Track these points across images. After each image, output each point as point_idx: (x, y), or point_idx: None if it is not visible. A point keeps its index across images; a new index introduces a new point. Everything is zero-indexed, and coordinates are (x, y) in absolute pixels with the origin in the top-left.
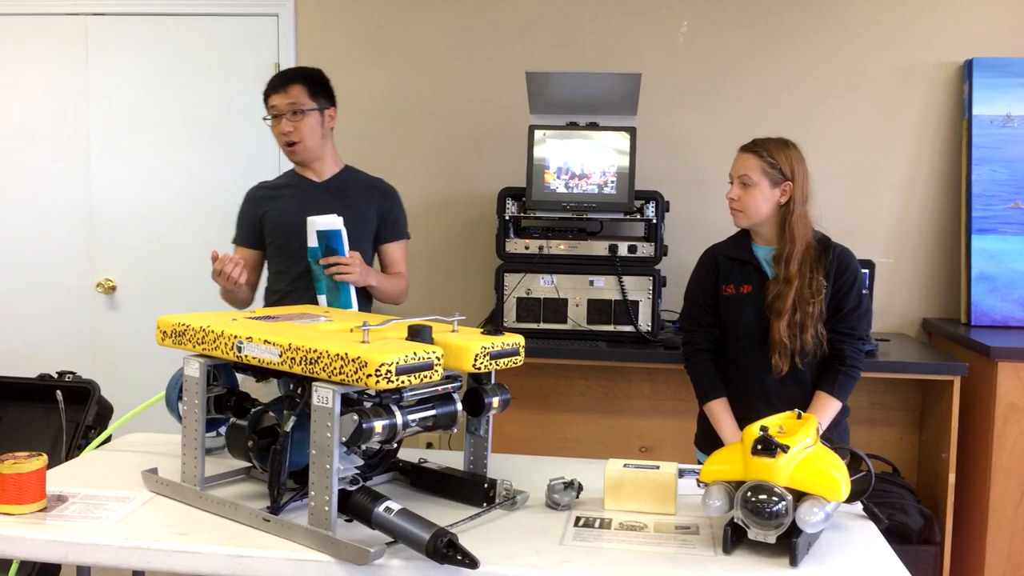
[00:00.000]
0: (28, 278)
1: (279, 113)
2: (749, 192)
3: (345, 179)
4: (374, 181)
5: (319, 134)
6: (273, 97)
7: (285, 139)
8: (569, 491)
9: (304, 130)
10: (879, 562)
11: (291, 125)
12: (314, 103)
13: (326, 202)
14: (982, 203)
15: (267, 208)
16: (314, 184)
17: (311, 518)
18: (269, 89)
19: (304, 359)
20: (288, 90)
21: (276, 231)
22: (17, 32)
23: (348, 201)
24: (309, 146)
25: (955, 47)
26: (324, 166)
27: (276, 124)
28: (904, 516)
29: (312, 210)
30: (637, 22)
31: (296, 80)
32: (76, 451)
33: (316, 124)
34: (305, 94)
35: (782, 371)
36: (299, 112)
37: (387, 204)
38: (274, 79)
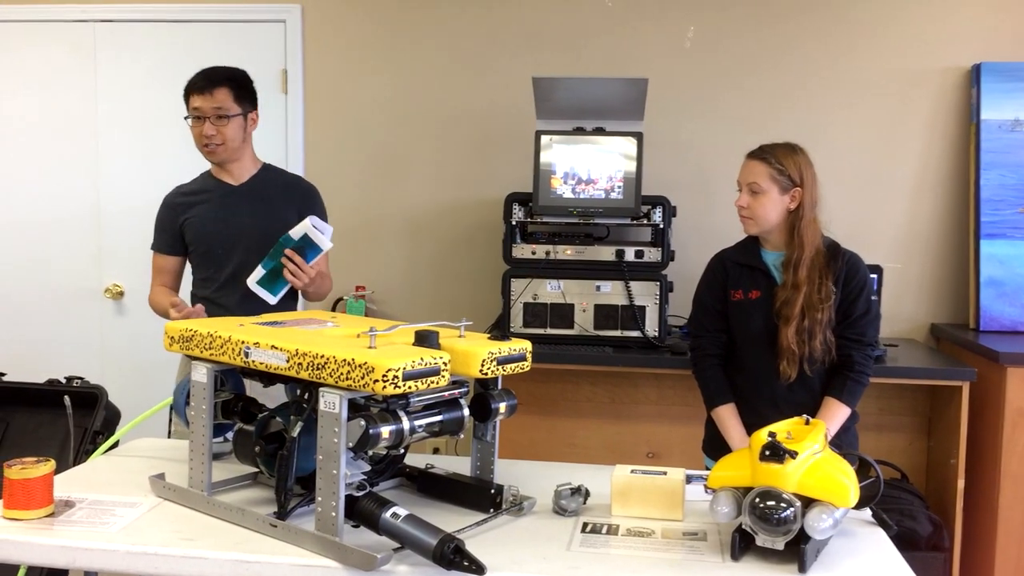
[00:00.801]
0: (36, 284)
1: (202, 116)
2: (758, 199)
3: (263, 180)
4: (293, 180)
5: (241, 138)
6: (196, 98)
7: (206, 141)
8: (576, 497)
9: (227, 134)
10: (888, 569)
11: (214, 129)
12: (239, 107)
13: (245, 206)
14: (991, 208)
15: (187, 215)
16: (231, 188)
17: (318, 524)
18: (192, 89)
19: (311, 364)
20: (213, 93)
21: (198, 239)
22: (26, 39)
23: (267, 203)
24: (230, 148)
25: (963, 52)
26: (242, 168)
27: (197, 126)
28: (913, 522)
29: (232, 215)
30: (644, 27)
31: (222, 83)
32: (84, 456)
33: (239, 128)
34: (231, 98)
35: (790, 377)
36: (223, 117)
37: (307, 204)
38: (198, 79)
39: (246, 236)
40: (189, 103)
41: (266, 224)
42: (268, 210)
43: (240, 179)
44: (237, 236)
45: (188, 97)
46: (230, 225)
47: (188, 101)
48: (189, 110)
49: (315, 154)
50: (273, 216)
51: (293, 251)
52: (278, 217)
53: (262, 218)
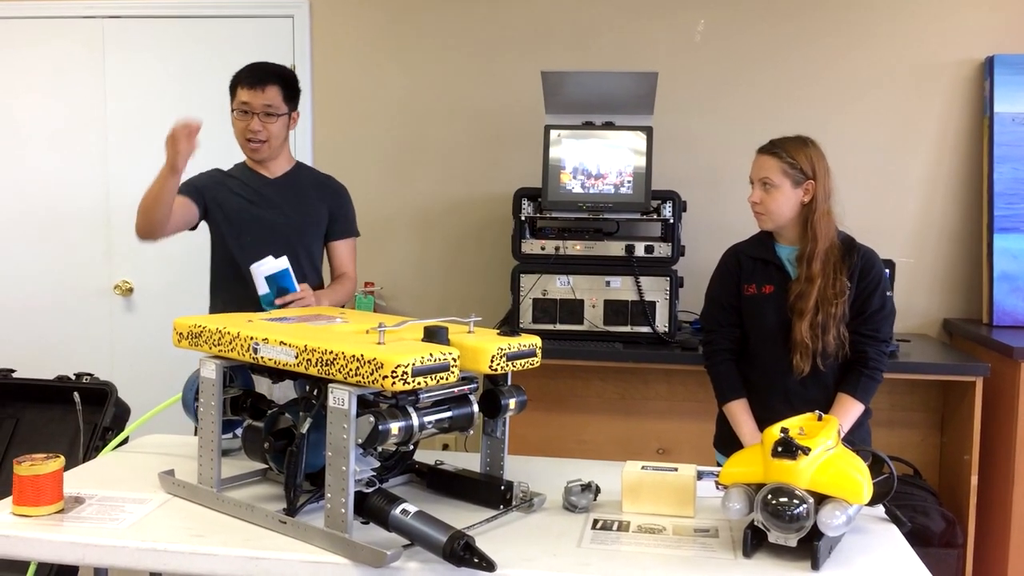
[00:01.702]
0: (46, 280)
1: (250, 110)
2: (771, 194)
3: (296, 176)
4: (324, 179)
5: (284, 136)
6: (246, 93)
7: (251, 136)
8: (586, 493)
9: (272, 131)
10: (901, 565)
11: (261, 125)
12: (286, 107)
13: (279, 200)
14: (1004, 202)
15: (222, 194)
16: (267, 180)
17: (327, 520)
18: (242, 83)
19: (320, 360)
20: (264, 90)
21: (227, 221)
22: (34, 35)
23: (300, 198)
24: (273, 146)
25: (975, 44)
26: (278, 164)
27: (243, 120)
28: (926, 519)
29: (266, 207)
30: (653, 22)
31: (273, 81)
32: (93, 453)
33: (284, 127)
34: (280, 97)
35: (803, 372)
36: (272, 115)
37: (338, 201)
38: (249, 75)
39: (278, 227)
40: (236, 96)
41: (299, 219)
42: (301, 205)
43: (275, 173)
44: (269, 226)
45: (235, 90)
46: (264, 215)
47: (235, 94)
48: (235, 103)
49: (323, 150)
50: (305, 211)
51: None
52: (310, 213)
53: (295, 213)
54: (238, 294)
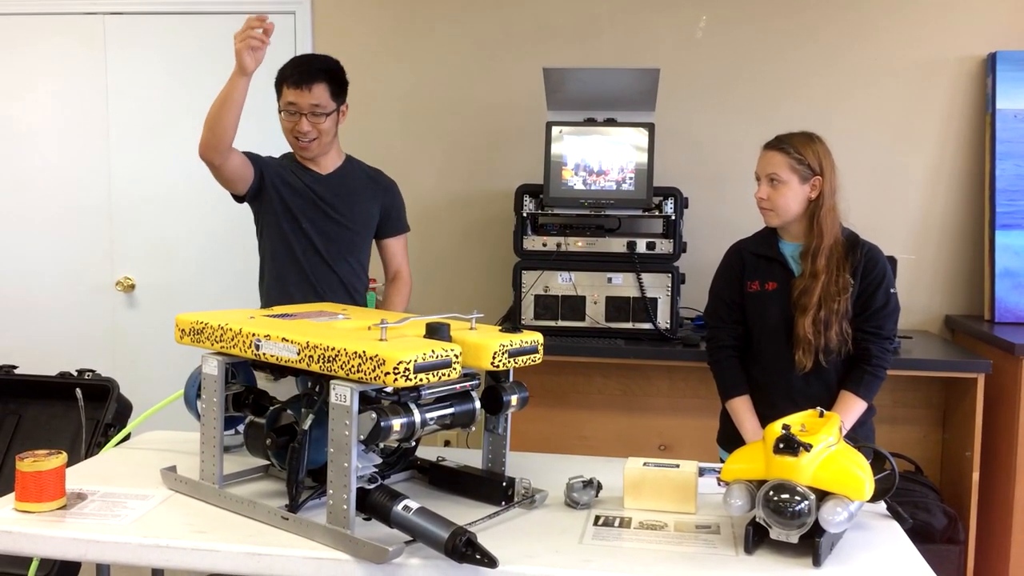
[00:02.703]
0: (48, 277)
1: (298, 111)
2: (779, 190)
3: (348, 172)
4: (375, 174)
5: (334, 132)
6: (293, 92)
7: (299, 136)
8: (588, 490)
9: (323, 129)
10: (903, 562)
11: (310, 125)
12: (335, 103)
13: (332, 196)
14: (1006, 198)
15: (280, 180)
16: (318, 177)
17: (329, 516)
18: (288, 82)
19: (322, 357)
20: (311, 89)
21: (283, 212)
22: (35, 32)
23: (353, 194)
24: (324, 143)
25: (978, 40)
26: (328, 160)
27: (291, 120)
28: (928, 515)
29: (319, 202)
30: (655, 17)
31: (320, 78)
32: (95, 449)
33: (334, 123)
34: (328, 94)
35: (805, 367)
36: (319, 114)
37: (389, 198)
38: (296, 73)
39: (332, 223)
40: (282, 95)
41: (352, 214)
42: (354, 203)
43: (326, 169)
44: (323, 222)
45: (281, 88)
46: (318, 210)
47: (281, 93)
48: (282, 103)
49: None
50: (358, 208)
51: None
52: (365, 209)
53: (348, 208)
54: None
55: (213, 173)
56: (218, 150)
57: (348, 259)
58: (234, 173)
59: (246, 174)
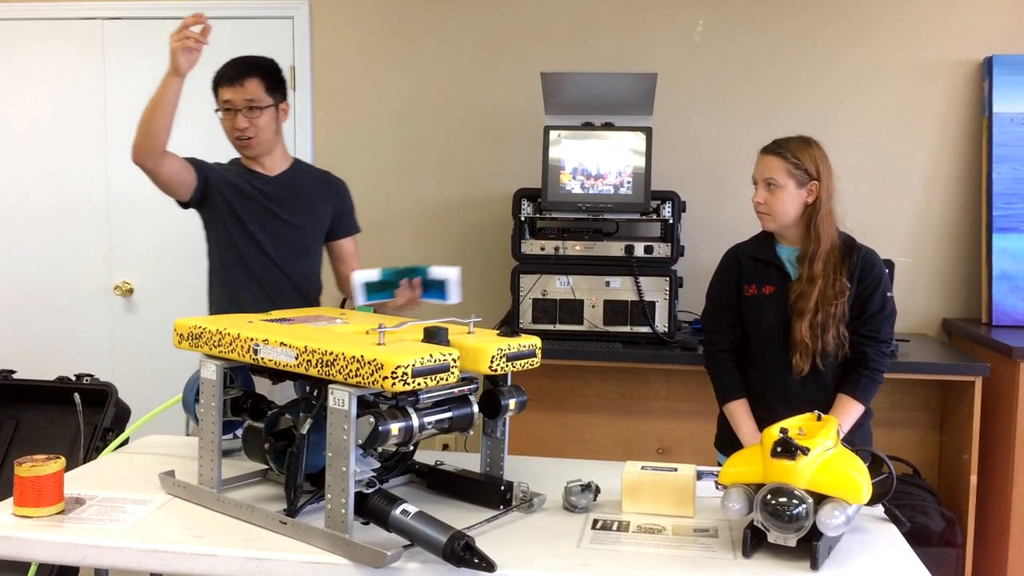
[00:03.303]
0: (46, 281)
1: (233, 108)
2: (776, 195)
3: (296, 174)
4: (323, 175)
5: (273, 129)
6: (227, 90)
7: (238, 134)
8: (586, 493)
9: (260, 125)
10: (901, 565)
11: (247, 121)
12: (270, 98)
13: (281, 199)
14: (1003, 201)
15: (226, 182)
16: (266, 179)
17: (328, 521)
18: (222, 80)
19: (320, 361)
20: (244, 84)
21: (229, 216)
22: (34, 37)
23: (303, 197)
24: (263, 140)
25: (974, 44)
26: (274, 161)
27: (228, 118)
28: (925, 518)
29: (268, 206)
30: (652, 21)
31: (252, 73)
32: (94, 454)
33: (271, 119)
34: (262, 89)
35: (803, 371)
36: (255, 108)
37: (340, 200)
38: (227, 70)
39: (282, 227)
40: (219, 95)
41: (303, 217)
42: (305, 205)
43: (272, 171)
44: (273, 226)
45: (217, 89)
46: (266, 217)
47: (217, 93)
48: (219, 103)
49: (324, 151)
50: (311, 211)
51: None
52: (316, 212)
53: (298, 211)
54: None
55: (150, 178)
56: (150, 153)
57: (300, 262)
58: (171, 178)
59: (186, 179)
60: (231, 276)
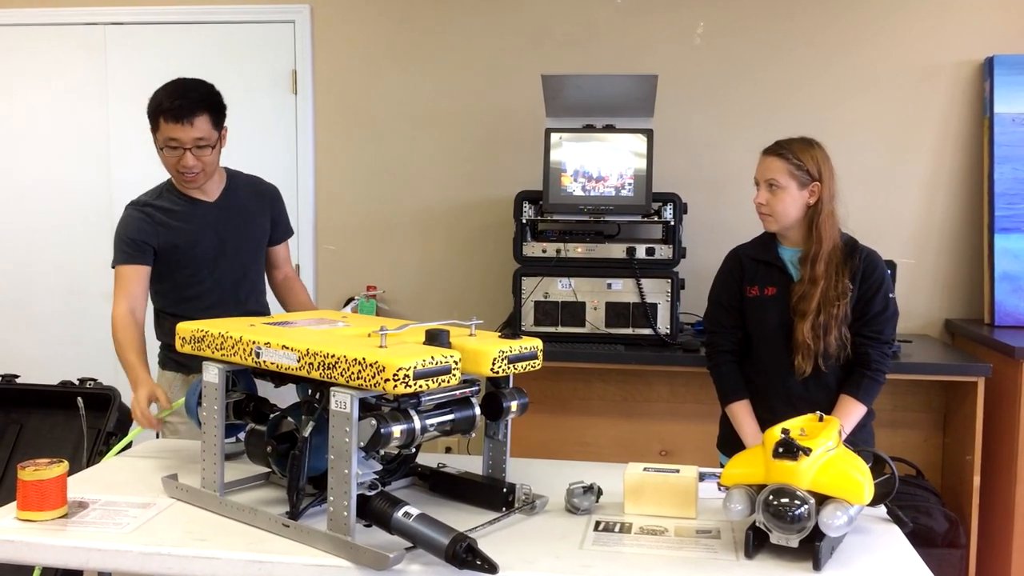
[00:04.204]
0: (49, 286)
1: (181, 146)
2: (777, 196)
3: (234, 191)
4: (257, 185)
5: (217, 160)
6: (173, 128)
7: (186, 171)
8: (589, 495)
9: (208, 162)
10: (904, 566)
11: (195, 159)
12: (216, 132)
13: (225, 221)
14: (1005, 202)
15: (164, 231)
16: (208, 205)
17: (330, 523)
18: (167, 116)
19: (322, 364)
20: (194, 123)
21: (183, 259)
22: (37, 41)
23: (244, 215)
24: (209, 173)
25: (975, 45)
26: (213, 184)
27: (173, 156)
28: (928, 519)
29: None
30: (653, 24)
31: (201, 110)
32: (97, 457)
33: (216, 153)
34: (210, 125)
35: (805, 372)
36: (205, 146)
37: (276, 208)
38: (172, 107)
39: (231, 251)
40: (160, 130)
41: (248, 233)
42: (246, 221)
43: (213, 195)
44: (222, 252)
45: (158, 121)
46: (214, 243)
47: (158, 126)
48: (160, 138)
49: (325, 154)
50: (252, 225)
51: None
52: (257, 224)
53: (243, 228)
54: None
55: None
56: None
57: (249, 276)
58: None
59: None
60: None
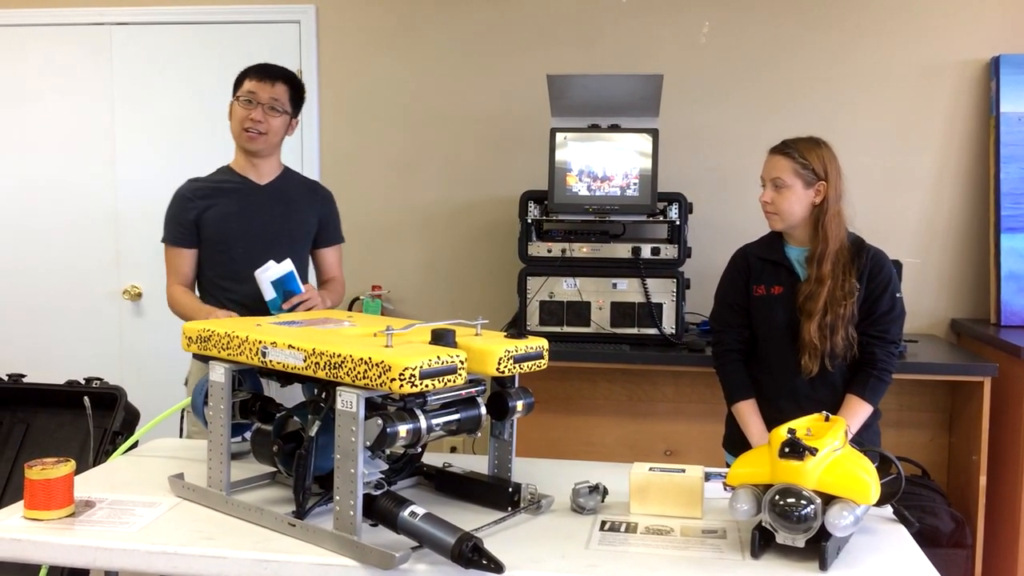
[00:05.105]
0: (55, 285)
1: (256, 101)
2: (783, 194)
3: (285, 183)
4: (312, 184)
5: (281, 136)
6: (255, 83)
7: (251, 126)
8: (594, 495)
9: (273, 126)
10: (910, 566)
11: (263, 116)
12: (290, 108)
13: (270, 206)
14: (1011, 201)
15: (206, 208)
16: (256, 186)
17: (336, 523)
18: (253, 75)
19: (328, 363)
20: (275, 85)
21: (219, 234)
22: (43, 42)
23: (290, 205)
24: (270, 142)
25: (981, 44)
26: (268, 167)
27: (246, 108)
28: (934, 519)
29: (257, 214)
30: (658, 23)
31: (285, 80)
32: (103, 457)
33: (283, 126)
34: (287, 96)
35: (811, 372)
36: (277, 109)
37: (327, 208)
38: (262, 69)
39: (270, 236)
40: (242, 86)
41: (290, 225)
42: (291, 212)
43: (264, 178)
44: (261, 235)
45: (242, 81)
46: (254, 224)
47: (241, 84)
48: (240, 91)
49: (330, 154)
50: (296, 218)
51: (287, 301)
52: (301, 220)
53: (286, 219)
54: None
55: None
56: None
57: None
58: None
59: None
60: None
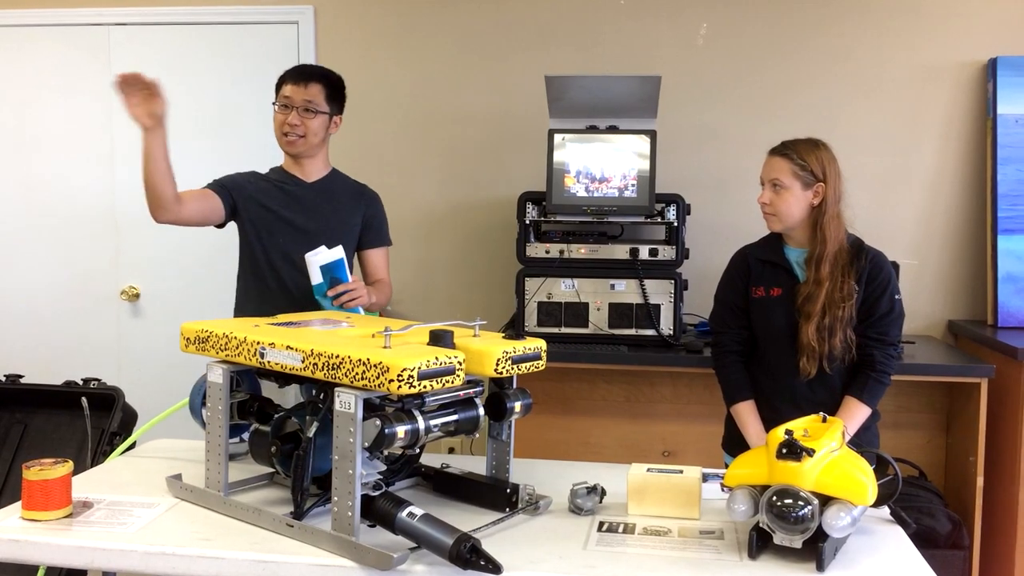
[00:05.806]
0: (53, 286)
1: (291, 105)
2: (781, 196)
3: (332, 182)
4: (359, 187)
5: (321, 136)
6: (290, 87)
7: (289, 130)
8: (592, 496)
9: (311, 127)
10: (907, 567)
11: (299, 119)
12: (328, 107)
13: (315, 204)
14: (1008, 203)
15: (255, 195)
16: (303, 185)
17: (334, 523)
18: (288, 79)
19: (326, 364)
20: (307, 86)
21: (259, 220)
22: (41, 42)
23: (335, 204)
24: (310, 143)
25: (979, 46)
26: (314, 166)
27: (283, 113)
28: (932, 520)
29: (301, 210)
30: (656, 24)
31: (318, 79)
32: (101, 457)
33: (322, 126)
34: (323, 95)
35: (810, 374)
36: (312, 111)
37: (372, 210)
38: (296, 71)
39: (312, 234)
40: (280, 92)
41: (334, 224)
42: (336, 212)
43: (311, 177)
44: (303, 229)
45: (281, 86)
46: (297, 218)
47: (279, 90)
48: (278, 97)
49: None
50: (339, 218)
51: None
52: (345, 220)
53: (330, 218)
54: (266, 295)
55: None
56: (162, 207)
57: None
58: (196, 217)
59: (212, 210)
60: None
